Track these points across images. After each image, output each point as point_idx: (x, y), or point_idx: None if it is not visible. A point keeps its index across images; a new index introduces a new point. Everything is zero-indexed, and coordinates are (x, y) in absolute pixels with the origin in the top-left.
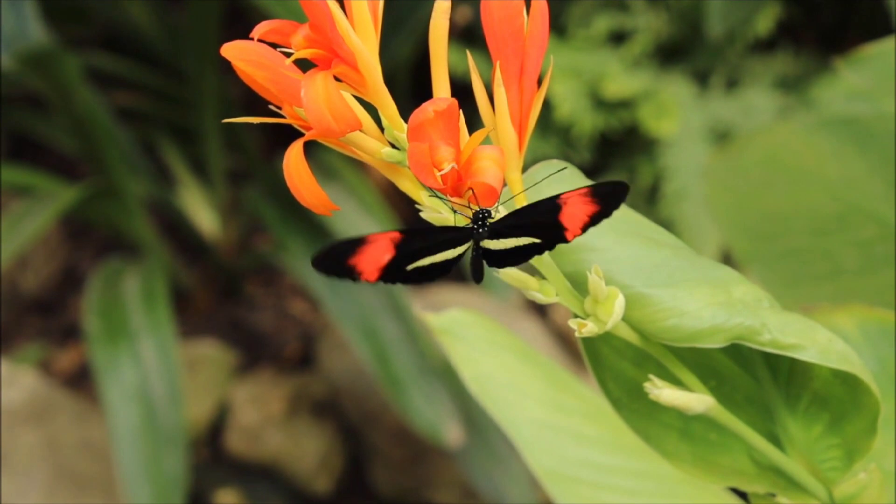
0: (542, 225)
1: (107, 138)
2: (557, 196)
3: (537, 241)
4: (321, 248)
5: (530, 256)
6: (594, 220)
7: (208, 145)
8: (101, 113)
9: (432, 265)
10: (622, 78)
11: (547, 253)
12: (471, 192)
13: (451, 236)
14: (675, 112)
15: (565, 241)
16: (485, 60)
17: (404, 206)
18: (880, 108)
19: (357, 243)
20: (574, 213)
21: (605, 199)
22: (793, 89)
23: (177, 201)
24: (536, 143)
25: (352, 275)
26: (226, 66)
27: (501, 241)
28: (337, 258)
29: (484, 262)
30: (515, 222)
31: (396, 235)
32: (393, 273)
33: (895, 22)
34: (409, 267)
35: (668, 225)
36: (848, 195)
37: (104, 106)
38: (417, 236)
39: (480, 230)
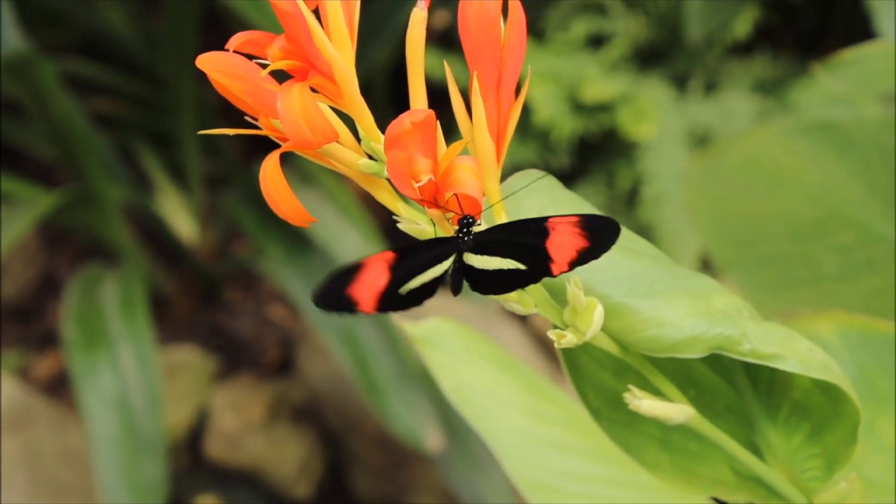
0: (528, 248)
1: (85, 144)
2: (546, 218)
3: (522, 267)
4: (320, 283)
5: (513, 287)
6: (582, 258)
7: (186, 151)
8: (79, 119)
9: (422, 286)
10: (601, 82)
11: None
12: (453, 198)
13: (439, 250)
14: (653, 116)
15: (551, 275)
16: (462, 65)
17: (383, 212)
18: (859, 112)
19: (353, 270)
20: (562, 243)
21: (596, 236)
22: (771, 93)
23: (155, 207)
24: (515, 147)
25: (350, 307)
26: (203, 71)
27: (486, 258)
28: (335, 291)
29: (463, 274)
30: (501, 237)
31: (390, 255)
32: (389, 300)
33: (879, 26)
34: (402, 290)
35: (647, 229)
36: (827, 200)
37: (82, 112)
38: (410, 253)
39: (465, 238)
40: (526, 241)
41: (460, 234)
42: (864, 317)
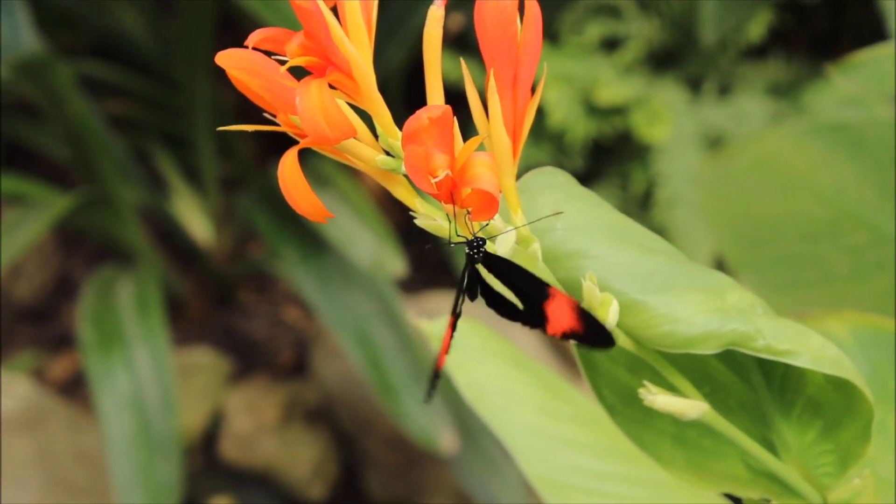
0: (528, 298)
1: (100, 146)
2: (549, 286)
3: (520, 307)
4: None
5: (517, 321)
6: (574, 338)
7: (201, 153)
8: (94, 121)
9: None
10: (615, 84)
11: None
12: (470, 194)
13: (464, 275)
14: (667, 118)
15: (545, 331)
16: (477, 67)
17: (397, 213)
18: (872, 114)
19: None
20: (559, 314)
21: (590, 332)
22: (785, 96)
23: (170, 209)
24: (529, 149)
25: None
26: (218, 73)
27: (492, 277)
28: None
29: (477, 282)
30: (508, 271)
31: (451, 320)
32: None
33: (892, 28)
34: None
35: (660, 231)
36: (839, 201)
37: (97, 114)
38: (456, 305)
39: (476, 255)
40: (527, 291)
41: (472, 252)
42: (877, 316)
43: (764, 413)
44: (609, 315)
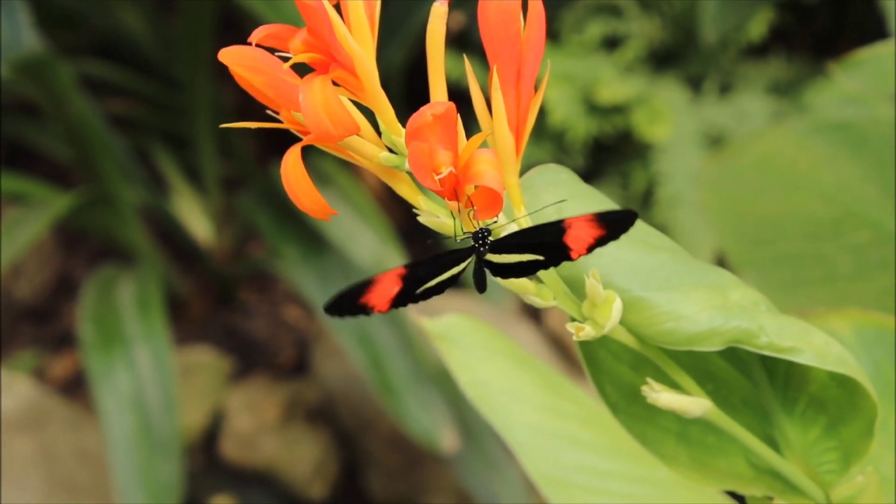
0: (546, 245)
1: (100, 146)
2: (562, 220)
3: (541, 258)
4: (331, 298)
5: (534, 271)
6: (600, 242)
7: (202, 152)
8: (95, 120)
9: (439, 282)
10: (615, 83)
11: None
12: (473, 191)
13: (455, 257)
14: (668, 117)
15: (570, 259)
16: (479, 66)
17: (398, 212)
18: (874, 112)
19: (365, 285)
20: (579, 235)
21: (613, 224)
22: (786, 94)
23: (171, 208)
24: (530, 148)
25: (364, 311)
26: (219, 73)
27: (505, 255)
28: (347, 302)
29: (486, 272)
30: (519, 241)
31: (402, 270)
32: (403, 299)
33: (893, 27)
34: (419, 290)
35: (661, 230)
36: (842, 200)
37: (98, 113)
38: (422, 266)
39: (482, 248)
40: (544, 240)
41: (477, 245)
42: (879, 314)
43: (767, 410)
44: (612, 312)
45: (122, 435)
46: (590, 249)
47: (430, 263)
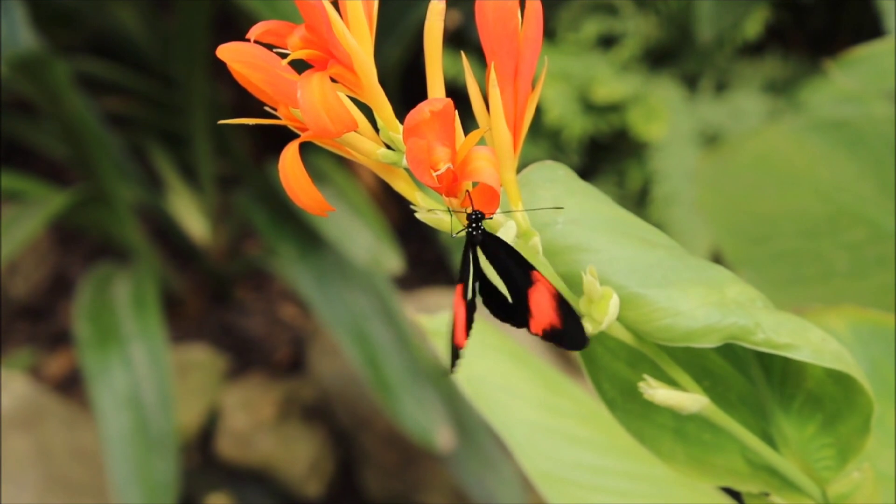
0: (516, 286)
1: (97, 144)
2: (533, 268)
3: (510, 299)
4: (451, 362)
5: (507, 320)
6: (553, 337)
7: (198, 150)
8: (91, 118)
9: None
10: (611, 82)
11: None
12: (467, 194)
13: (468, 252)
14: (664, 116)
15: (529, 329)
16: (477, 65)
17: (394, 210)
18: (870, 110)
19: (452, 327)
20: (541, 305)
21: (567, 327)
22: (782, 92)
23: (167, 206)
24: (526, 147)
25: (458, 354)
26: (216, 71)
27: (488, 263)
28: (455, 355)
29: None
30: (500, 252)
31: (460, 287)
32: (470, 319)
33: (890, 25)
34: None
35: (657, 228)
36: (838, 197)
37: (94, 111)
38: (468, 273)
39: (475, 232)
40: (515, 276)
41: (471, 228)
42: (876, 311)
43: (763, 407)
44: (609, 309)
45: (118, 433)
46: (545, 336)
47: (465, 267)
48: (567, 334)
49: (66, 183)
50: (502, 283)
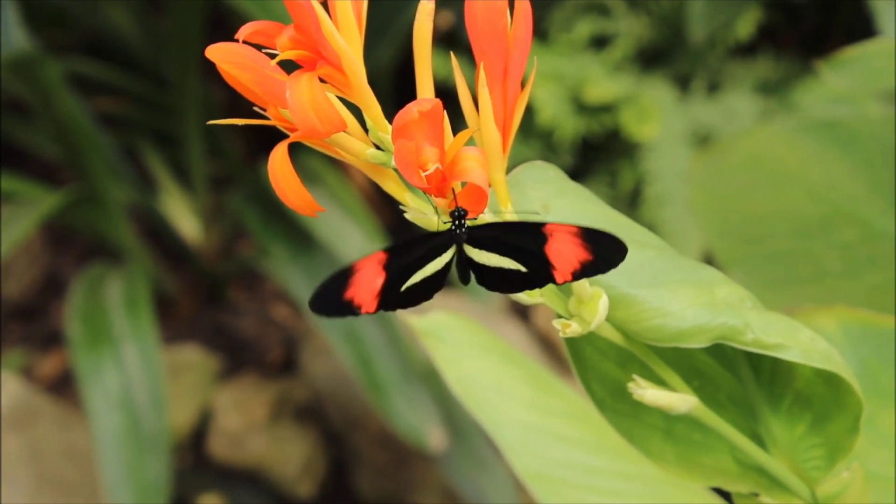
0: (527, 251)
1: (89, 144)
2: (543, 224)
3: (522, 269)
4: (315, 291)
5: (521, 288)
6: (586, 271)
7: (191, 151)
8: (84, 119)
9: (424, 280)
10: (604, 82)
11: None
12: (453, 195)
13: (435, 244)
14: (656, 116)
15: (555, 282)
16: (467, 66)
17: (386, 210)
18: (862, 110)
19: (346, 274)
20: (563, 252)
21: (600, 252)
22: (774, 93)
23: (159, 207)
24: (518, 147)
25: (351, 310)
26: (208, 71)
27: (483, 253)
28: (332, 296)
29: (469, 266)
30: (495, 234)
31: (382, 255)
32: (389, 297)
33: (882, 25)
34: (403, 287)
35: (649, 229)
36: (830, 198)
37: (86, 112)
38: (402, 250)
39: (459, 231)
40: (523, 244)
41: (454, 226)
42: (866, 311)
43: (753, 407)
44: (599, 309)
45: (110, 433)
46: (576, 276)
47: (411, 247)
48: (600, 257)
49: (59, 183)
50: (507, 262)
